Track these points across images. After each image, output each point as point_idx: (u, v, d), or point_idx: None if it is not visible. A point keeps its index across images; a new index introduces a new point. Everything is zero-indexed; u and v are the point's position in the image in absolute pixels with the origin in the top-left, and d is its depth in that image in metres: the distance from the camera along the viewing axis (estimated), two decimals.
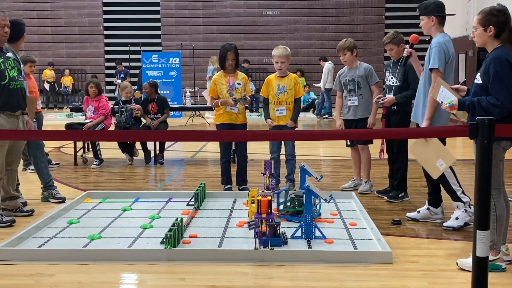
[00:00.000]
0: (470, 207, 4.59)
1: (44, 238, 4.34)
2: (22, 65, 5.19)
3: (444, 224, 4.69)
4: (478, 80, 3.66)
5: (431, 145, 3.88)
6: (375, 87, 5.94)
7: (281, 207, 4.94)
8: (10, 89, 4.85)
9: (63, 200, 5.67)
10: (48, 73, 19.87)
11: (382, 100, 5.57)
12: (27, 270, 3.70)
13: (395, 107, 5.57)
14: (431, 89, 4.37)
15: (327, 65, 15.77)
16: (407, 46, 4.93)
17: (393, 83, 5.60)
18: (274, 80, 6.09)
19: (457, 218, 4.61)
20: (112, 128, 8.23)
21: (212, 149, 9.64)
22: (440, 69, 4.44)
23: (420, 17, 4.68)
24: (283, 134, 5.11)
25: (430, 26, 4.62)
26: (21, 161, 6.15)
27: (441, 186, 4.77)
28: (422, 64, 4.79)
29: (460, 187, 4.58)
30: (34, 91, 7.35)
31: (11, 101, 4.88)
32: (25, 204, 5.37)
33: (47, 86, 19.78)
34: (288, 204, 4.90)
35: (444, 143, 4.53)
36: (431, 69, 4.50)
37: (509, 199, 3.80)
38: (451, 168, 4.56)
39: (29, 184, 6.64)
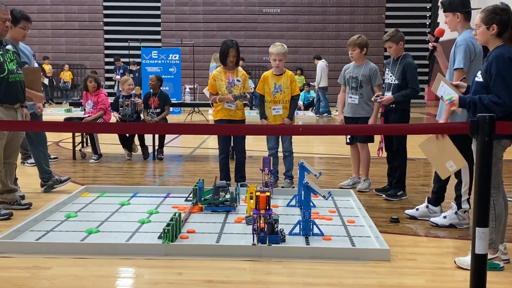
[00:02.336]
0: (464, 213, 4.57)
1: (41, 231, 4.33)
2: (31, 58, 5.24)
3: (431, 219, 4.71)
4: (479, 78, 3.65)
5: (443, 145, 3.82)
6: (377, 88, 5.91)
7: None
8: (8, 82, 4.84)
9: (68, 179, 6.00)
10: (47, 68, 19.83)
11: (381, 98, 5.56)
12: (24, 262, 3.68)
13: (394, 106, 5.56)
14: (431, 85, 4.34)
15: (320, 64, 15.84)
16: (432, 38, 4.81)
17: (392, 81, 5.59)
18: (270, 78, 6.07)
19: (445, 217, 4.63)
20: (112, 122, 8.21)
21: (211, 145, 9.64)
22: (465, 68, 4.32)
23: (445, 14, 4.54)
24: (281, 128, 5.09)
25: (456, 23, 4.49)
26: (20, 154, 6.16)
27: (446, 187, 4.79)
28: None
29: (469, 195, 4.54)
30: None
31: (10, 93, 4.87)
32: (23, 197, 5.37)
33: (45, 81, 19.73)
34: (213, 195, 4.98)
35: (471, 141, 4.47)
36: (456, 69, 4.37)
37: (508, 199, 3.79)
38: (471, 176, 4.45)
39: (27, 177, 6.63)
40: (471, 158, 4.44)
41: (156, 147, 8.26)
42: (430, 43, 4.75)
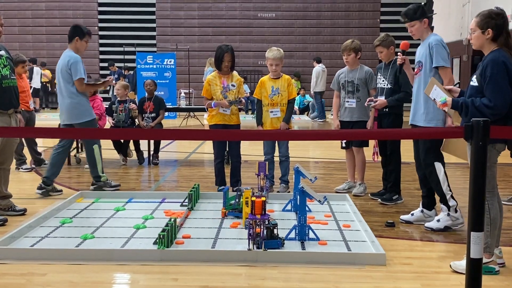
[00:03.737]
0: (456, 211, 4.58)
1: (36, 237, 4.31)
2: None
3: (426, 224, 4.71)
4: (474, 82, 3.67)
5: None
6: (373, 91, 5.92)
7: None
8: (2, 87, 4.84)
9: (118, 186, 6.35)
10: (49, 74, 19.82)
11: (374, 102, 5.57)
12: (19, 269, 3.67)
13: (387, 110, 5.57)
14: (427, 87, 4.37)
15: (316, 68, 15.68)
16: (399, 53, 4.90)
17: (384, 85, 5.61)
18: (268, 82, 6.08)
19: (438, 221, 4.64)
20: (107, 127, 8.19)
21: (207, 150, 9.63)
22: (447, 65, 4.44)
23: (410, 24, 4.63)
24: (276, 134, 5.10)
25: (423, 29, 4.61)
26: (14, 160, 6.12)
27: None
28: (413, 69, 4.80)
29: (450, 191, 4.58)
30: (26, 91, 7.33)
31: (4, 99, 4.86)
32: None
33: (39, 85, 19.54)
34: (237, 200, 4.96)
35: (441, 143, 4.53)
36: (436, 67, 4.47)
37: (503, 202, 3.80)
38: (445, 173, 4.55)
39: (21, 183, 6.61)
40: (442, 157, 4.53)
41: (152, 152, 8.24)
42: (398, 58, 4.86)
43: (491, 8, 3.73)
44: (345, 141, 6.11)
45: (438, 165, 4.54)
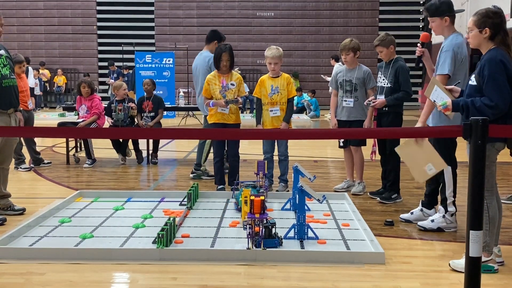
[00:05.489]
0: (452, 216, 4.57)
1: (35, 237, 4.31)
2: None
3: (419, 223, 4.70)
4: (473, 81, 3.67)
5: (422, 148, 3.82)
6: (371, 91, 5.92)
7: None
8: (2, 87, 4.83)
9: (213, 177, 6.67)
10: (48, 73, 19.79)
11: (373, 102, 5.57)
12: (18, 269, 3.67)
13: (386, 109, 5.57)
14: (425, 88, 4.36)
15: (336, 66, 15.06)
16: (419, 45, 4.81)
17: (384, 84, 5.61)
18: (267, 80, 6.08)
19: (432, 221, 4.62)
20: (106, 127, 8.19)
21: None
22: (450, 74, 4.32)
23: (431, 19, 4.49)
24: (275, 133, 5.09)
25: (444, 26, 4.47)
26: (13, 160, 6.12)
27: (439, 190, 4.77)
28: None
29: (454, 197, 4.56)
30: (25, 91, 7.33)
31: (3, 99, 4.86)
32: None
33: (33, 84, 19.46)
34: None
35: (456, 144, 4.49)
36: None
37: (501, 201, 3.81)
38: (454, 178, 4.50)
39: (20, 183, 6.60)
40: (454, 162, 4.48)
41: (150, 151, 8.24)
42: (417, 50, 4.73)
43: (489, 7, 3.72)
44: (342, 140, 6.11)
45: (446, 168, 4.45)
